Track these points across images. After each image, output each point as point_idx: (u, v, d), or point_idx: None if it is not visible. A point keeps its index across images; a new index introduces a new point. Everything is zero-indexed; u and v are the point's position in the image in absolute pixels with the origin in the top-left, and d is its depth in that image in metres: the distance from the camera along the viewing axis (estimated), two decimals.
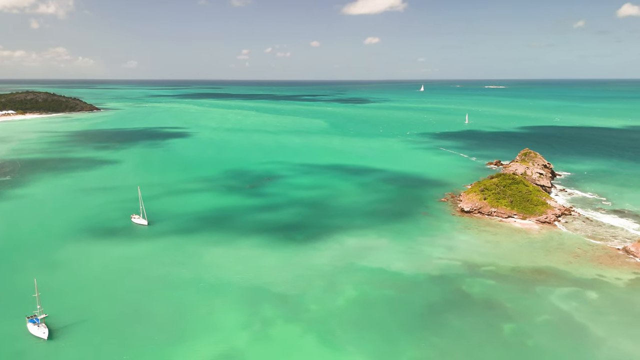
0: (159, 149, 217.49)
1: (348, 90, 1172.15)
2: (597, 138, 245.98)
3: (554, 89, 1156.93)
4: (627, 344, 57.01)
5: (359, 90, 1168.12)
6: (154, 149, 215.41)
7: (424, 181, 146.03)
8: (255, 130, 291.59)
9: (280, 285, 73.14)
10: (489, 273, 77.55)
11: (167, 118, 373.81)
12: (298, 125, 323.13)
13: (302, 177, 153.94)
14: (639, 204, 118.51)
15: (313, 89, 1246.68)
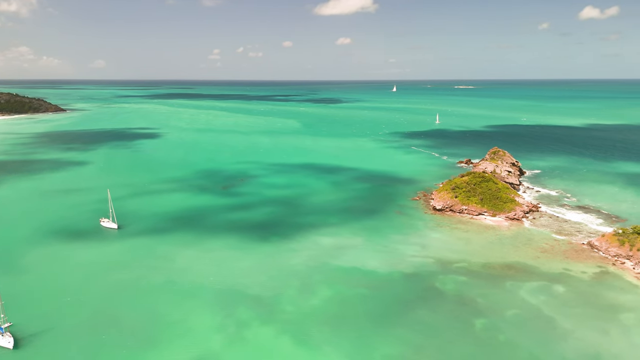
0: (128, 150, 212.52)
1: (320, 90, 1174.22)
2: (560, 136, 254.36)
3: (520, 89, 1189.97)
4: (593, 335, 59.12)
5: (332, 90, 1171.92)
6: (123, 150, 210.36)
7: (396, 180, 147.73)
8: (227, 131, 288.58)
9: (255, 287, 72.60)
10: (461, 269, 79.08)
11: (136, 119, 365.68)
12: (271, 126, 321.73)
13: (275, 177, 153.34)
14: (600, 199, 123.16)
15: (285, 89, 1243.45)
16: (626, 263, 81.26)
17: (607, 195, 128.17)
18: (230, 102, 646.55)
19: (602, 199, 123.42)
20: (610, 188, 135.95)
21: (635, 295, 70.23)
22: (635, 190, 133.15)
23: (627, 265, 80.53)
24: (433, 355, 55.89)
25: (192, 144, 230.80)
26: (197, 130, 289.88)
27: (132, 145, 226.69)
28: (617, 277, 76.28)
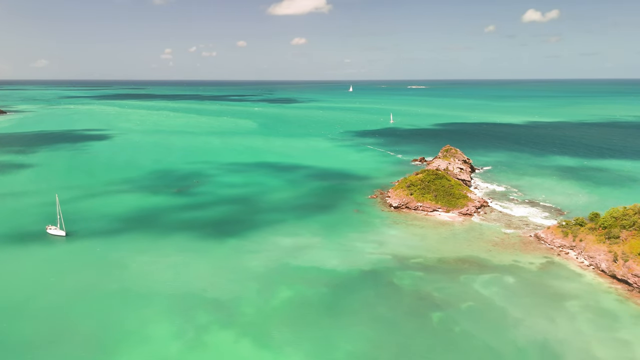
0: (75, 152, 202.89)
1: (276, 90, 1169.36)
2: (506, 134, 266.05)
3: (469, 88, 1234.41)
4: (541, 323, 62.26)
5: (288, 90, 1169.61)
6: (69, 152, 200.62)
7: (353, 178, 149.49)
8: (180, 132, 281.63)
9: (214, 291, 71.35)
10: (418, 265, 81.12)
11: (84, 120, 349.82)
12: (225, 126, 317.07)
13: (231, 177, 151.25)
14: (545, 193, 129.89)
15: (241, 89, 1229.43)
16: (570, 253, 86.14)
17: (551, 189, 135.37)
18: (184, 102, 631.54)
19: (546, 193, 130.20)
20: (553, 182, 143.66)
21: (578, 283, 74.59)
22: (575, 183, 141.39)
23: (571, 255, 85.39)
24: (393, 349, 57.03)
25: (143, 146, 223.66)
26: (148, 132, 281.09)
27: (80, 147, 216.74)
28: (562, 267, 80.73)
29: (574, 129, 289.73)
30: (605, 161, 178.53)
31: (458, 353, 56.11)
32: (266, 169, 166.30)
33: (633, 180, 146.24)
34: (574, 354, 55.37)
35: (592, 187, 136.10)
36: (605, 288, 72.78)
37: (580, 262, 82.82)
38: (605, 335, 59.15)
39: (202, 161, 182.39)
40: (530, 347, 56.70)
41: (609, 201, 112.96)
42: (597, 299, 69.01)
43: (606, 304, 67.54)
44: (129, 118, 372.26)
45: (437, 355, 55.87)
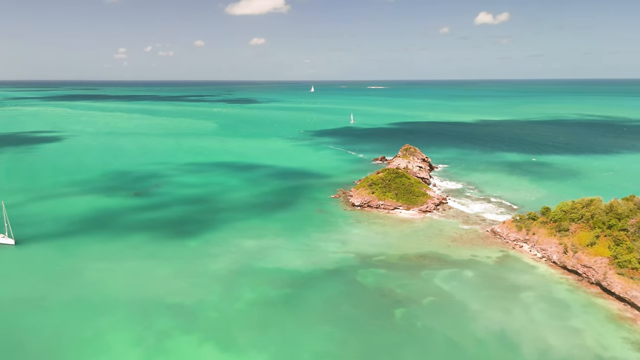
0: (21, 155, 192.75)
1: (236, 90, 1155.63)
2: (462, 133, 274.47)
3: (426, 89, 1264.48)
4: (499, 314, 64.58)
5: (247, 90, 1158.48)
6: (14, 156, 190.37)
7: (316, 178, 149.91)
8: (137, 134, 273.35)
9: (175, 296, 69.62)
10: (380, 262, 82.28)
11: (31, 122, 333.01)
12: (184, 127, 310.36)
13: (191, 180, 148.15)
14: (499, 190, 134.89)
15: (199, 90, 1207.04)
16: (524, 246, 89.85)
17: (504, 185, 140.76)
18: (140, 103, 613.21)
19: (500, 189, 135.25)
20: (506, 179, 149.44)
21: (532, 275, 77.90)
22: (527, 179, 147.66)
23: (525, 249, 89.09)
24: (357, 347, 57.56)
25: (95, 148, 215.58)
26: (101, 134, 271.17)
27: (25, 150, 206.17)
28: (517, 260, 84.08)
29: (524, 127, 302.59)
30: (553, 157, 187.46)
31: (420, 347, 57.34)
32: (227, 170, 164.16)
33: (579, 174, 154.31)
34: (529, 342, 57.74)
35: (543, 183, 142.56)
36: (556, 279, 76.38)
37: (534, 254, 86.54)
38: (558, 324, 62.05)
39: (160, 162, 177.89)
40: (489, 338, 58.69)
41: (559, 195, 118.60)
42: (549, 290, 72.29)
43: (558, 294, 70.88)
44: (80, 120, 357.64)
45: (400, 350, 56.87)
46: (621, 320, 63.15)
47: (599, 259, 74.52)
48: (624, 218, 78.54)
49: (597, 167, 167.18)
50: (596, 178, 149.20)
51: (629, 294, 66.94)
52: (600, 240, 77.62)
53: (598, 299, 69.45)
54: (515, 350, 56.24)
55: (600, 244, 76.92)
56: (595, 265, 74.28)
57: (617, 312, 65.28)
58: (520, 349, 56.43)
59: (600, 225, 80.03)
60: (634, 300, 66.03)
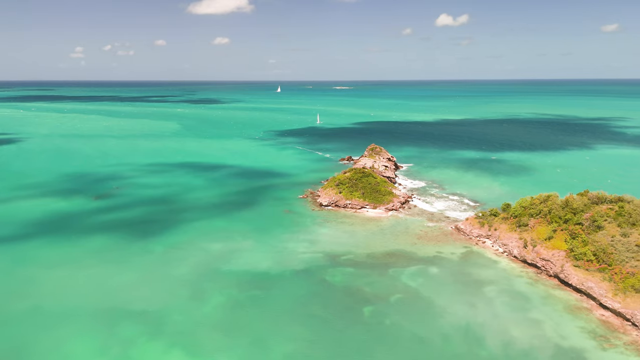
0: None
1: (199, 91, 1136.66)
2: (425, 132, 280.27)
3: (389, 89, 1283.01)
4: (464, 309, 66.28)
5: (211, 91, 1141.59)
6: None
7: (284, 179, 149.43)
8: (97, 135, 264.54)
9: (140, 302, 67.79)
10: (348, 261, 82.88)
11: None
12: (147, 128, 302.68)
13: (155, 183, 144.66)
14: (462, 187, 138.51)
15: (161, 90, 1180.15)
16: (486, 242, 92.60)
17: (467, 182, 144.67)
18: (99, 104, 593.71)
19: (463, 187, 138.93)
20: (469, 176, 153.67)
21: (494, 270, 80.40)
22: (488, 176, 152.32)
23: (487, 244, 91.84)
24: (327, 346, 57.77)
25: (53, 151, 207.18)
26: (58, 136, 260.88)
27: None
28: (480, 255, 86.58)
29: (483, 126, 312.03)
30: (511, 154, 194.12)
31: (388, 344, 58.13)
32: (191, 171, 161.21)
33: (534, 171, 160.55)
34: (492, 335, 59.56)
35: (502, 179, 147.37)
36: (517, 272, 79.14)
37: (496, 249, 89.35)
38: (519, 316, 64.31)
39: (120, 164, 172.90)
40: (454, 333, 60.15)
41: (518, 191, 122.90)
42: (511, 283, 74.83)
43: (519, 287, 73.46)
44: (33, 121, 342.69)
45: (369, 348, 57.46)
46: (578, 311, 66.10)
47: (557, 252, 77.73)
48: (579, 212, 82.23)
49: (551, 164, 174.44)
50: (550, 174, 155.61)
51: (584, 285, 70.15)
52: (558, 234, 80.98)
53: (556, 290, 72.42)
54: (479, 343, 57.88)
55: (558, 238, 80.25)
56: (553, 259, 77.44)
57: (574, 303, 68.28)
58: (485, 342, 58.13)
59: (557, 220, 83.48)
60: (589, 291, 69.25)
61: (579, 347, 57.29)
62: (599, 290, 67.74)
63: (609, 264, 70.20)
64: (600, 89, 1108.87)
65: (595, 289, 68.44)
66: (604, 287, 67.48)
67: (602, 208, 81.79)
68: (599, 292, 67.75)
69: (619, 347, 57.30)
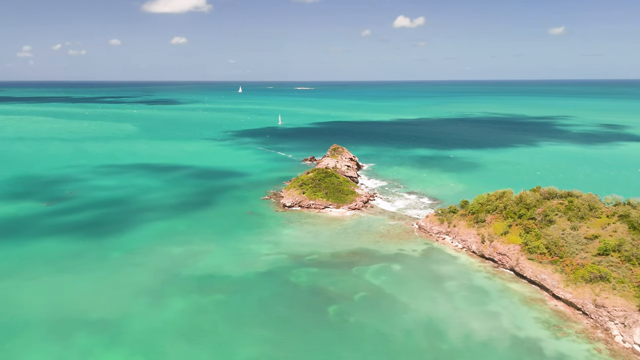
0: None
1: (157, 91, 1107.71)
2: (386, 131, 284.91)
3: (350, 90, 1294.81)
4: (425, 304, 67.77)
5: (170, 91, 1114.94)
6: None
7: (246, 181, 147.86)
8: (47, 138, 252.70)
9: (97, 311, 65.28)
10: (313, 261, 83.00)
11: None
12: (101, 130, 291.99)
13: (111, 186, 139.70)
14: (423, 185, 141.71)
15: (117, 91, 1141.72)
16: (446, 238, 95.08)
17: (427, 181, 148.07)
18: (50, 105, 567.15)
19: (423, 185, 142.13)
20: (427, 174, 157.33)
21: (454, 265, 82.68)
22: (447, 174, 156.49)
23: (447, 240, 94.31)
24: (292, 347, 57.62)
25: (3, 156, 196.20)
26: (9, 140, 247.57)
27: None
28: (440, 251, 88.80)
29: (440, 125, 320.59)
30: (467, 152, 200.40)
31: (353, 342, 58.64)
32: (154, 178, 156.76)
33: (490, 168, 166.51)
34: (453, 329, 61.22)
35: (460, 177, 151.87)
36: (476, 267, 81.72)
37: (455, 245, 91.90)
38: (478, 309, 66.41)
39: (73, 167, 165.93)
40: (417, 329, 61.40)
41: (475, 188, 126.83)
42: (470, 278, 77.17)
43: (477, 281, 75.87)
44: None
45: (334, 347, 57.75)
46: (532, 302, 68.98)
47: (512, 247, 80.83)
48: (532, 208, 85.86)
49: (503, 161, 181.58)
50: (503, 171, 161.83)
51: (538, 277, 73.31)
52: (513, 229, 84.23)
53: (512, 283, 75.29)
54: (441, 337, 59.35)
55: (513, 233, 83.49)
56: (509, 253, 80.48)
57: (529, 295, 71.21)
58: (446, 336, 59.66)
59: (512, 215, 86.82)
60: (542, 282, 72.43)
61: (534, 336, 59.78)
62: (552, 282, 70.98)
63: (560, 256, 73.67)
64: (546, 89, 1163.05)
65: (548, 281, 71.66)
66: (556, 278, 70.76)
67: (553, 203, 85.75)
68: (551, 283, 70.98)
69: (571, 335, 60.24)
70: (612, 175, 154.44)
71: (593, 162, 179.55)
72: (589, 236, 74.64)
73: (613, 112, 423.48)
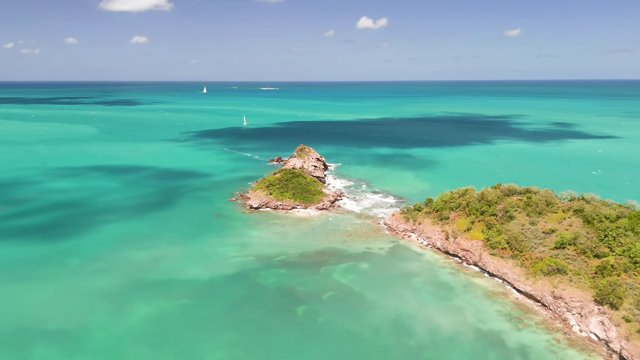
0: None
1: (117, 92, 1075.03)
2: (351, 131, 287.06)
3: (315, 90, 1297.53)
4: (393, 301, 68.72)
5: (130, 92, 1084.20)
6: None
7: (212, 183, 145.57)
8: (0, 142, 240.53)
9: (56, 320, 62.67)
10: (281, 262, 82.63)
11: None
12: (57, 132, 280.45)
13: (68, 191, 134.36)
14: (388, 184, 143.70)
15: (73, 91, 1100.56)
16: (412, 236, 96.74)
17: (392, 179, 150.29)
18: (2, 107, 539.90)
19: (389, 184, 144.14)
20: (393, 173, 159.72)
21: (419, 262, 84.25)
22: (411, 172, 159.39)
23: (413, 238, 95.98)
24: (261, 349, 57.16)
25: None
26: None
27: None
28: (406, 249, 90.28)
29: (404, 125, 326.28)
30: (430, 151, 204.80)
31: (322, 342, 58.78)
32: (115, 181, 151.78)
33: (452, 166, 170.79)
34: (420, 325, 62.38)
35: (424, 175, 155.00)
36: (441, 264, 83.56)
37: (420, 243, 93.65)
38: (444, 304, 67.94)
39: (27, 171, 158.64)
40: (385, 326, 62.19)
41: (438, 186, 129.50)
42: (435, 274, 78.84)
43: (443, 277, 77.61)
44: None
45: (303, 347, 57.71)
46: (495, 296, 71.17)
47: (475, 242, 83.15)
48: (494, 204, 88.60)
49: (465, 159, 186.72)
50: (464, 168, 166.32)
51: (500, 272, 75.73)
52: (475, 226, 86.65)
53: (476, 278, 77.44)
54: (408, 333, 60.34)
55: (475, 229, 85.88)
56: (472, 248, 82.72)
57: (492, 289, 73.44)
58: (413, 332, 60.72)
59: (474, 212, 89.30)
60: (504, 276, 74.87)
61: (497, 329, 61.70)
62: (513, 275, 73.49)
63: (520, 250, 76.38)
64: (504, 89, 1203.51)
65: (509, 275, 74.15)
66: (517, 272, 73.31)
67: (513, 199, 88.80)
68: (512, 277, 73.49)
69: (531, 326, 62.54)
70: (563, 171, 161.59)
71: (546, 159, 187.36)
72: (546, 230, 77.72)
73: (564, 111, 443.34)
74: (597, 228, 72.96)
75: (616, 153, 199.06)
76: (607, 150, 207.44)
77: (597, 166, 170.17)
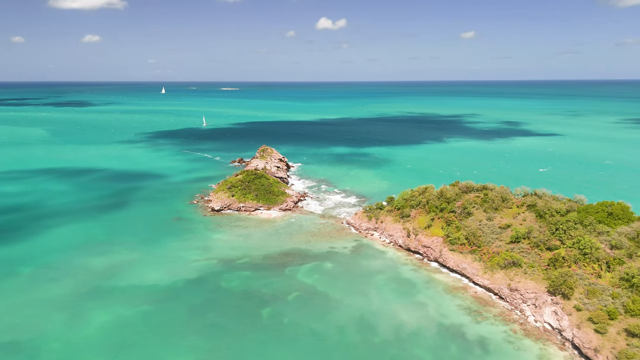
0: None
1: (68, 92, 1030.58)
2: (311, 131, 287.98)
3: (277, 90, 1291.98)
4: (357, 299, 69.43)
5: (82, 92, 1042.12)
6: None
7: (171, 185, 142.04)
8: None
9: (8, 332, 59.45)
10: (244, 265, 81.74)
11: None
12: (5, 134, 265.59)
13: (14, 195, 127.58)
14: (351, 184, 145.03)
15: (20, 92, 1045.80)
16: (374, 234, 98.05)
17: (354, 179, 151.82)
18: None
19: (351, 183, 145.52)
20: (354, 172, 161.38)
21: (382, 259, 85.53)
22: (372, 171, 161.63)
23: (375, 236, 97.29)
24: (226, 353, 56.35)
25: None
26: None
27: None
28: (369, 247, 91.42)
29: (363, 125, 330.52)
30: (390, 150, 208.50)
31: (287, 343, 58.61)
32: (60, 180, 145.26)
33: (410, 164, 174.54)
34: (384, 321, 63.35)
35: (384, 174, 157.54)
36: (403, 260, 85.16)
37: (383, 240, 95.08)
38: (406, 301, 69.30)
39: None
40: (350, 324, 62.74)
41: (398, 184, 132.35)
42: (397, 271, 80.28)
43: (405, 274, 79.13)
44: None
45: (269, 349, 57.34)
46: (455, 290, 73.27)
47: (435, 239, 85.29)
48: (452, 201, 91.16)
49: (422, 157, 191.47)
50: (421, 166, 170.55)
51: (459, 267, 78.03)
52: (435, 223, 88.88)
53: (437, 274, 79.44)
54: (372, 331, 61.14)
55: (435, 226, 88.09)
56: (432, 245, 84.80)
57: (452, 284, 75.56)
58: (377, 329, 61.57)
59: (434, 209, 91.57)
60: (464, 271, 77.20)
61: (457, 323, 63.54)
62: (472, 270, 75.91)
63: (478, 245, 78.99)
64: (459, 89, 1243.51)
65: (468, 269, 76.53)
66: (476, 266, 75.78)
67: (471, 196, 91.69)
68: (471, 271, 75.90)
69: (489, 319, 64.81)
70: (514, 168, 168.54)
71: (497, 156, 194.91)
72: (502, 226, 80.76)
73: (515, 110, 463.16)
74: (548, 222, 76.49)
75: (561, 149, 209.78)
76: (556, 147, 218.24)
77: (546, 162, 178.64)
